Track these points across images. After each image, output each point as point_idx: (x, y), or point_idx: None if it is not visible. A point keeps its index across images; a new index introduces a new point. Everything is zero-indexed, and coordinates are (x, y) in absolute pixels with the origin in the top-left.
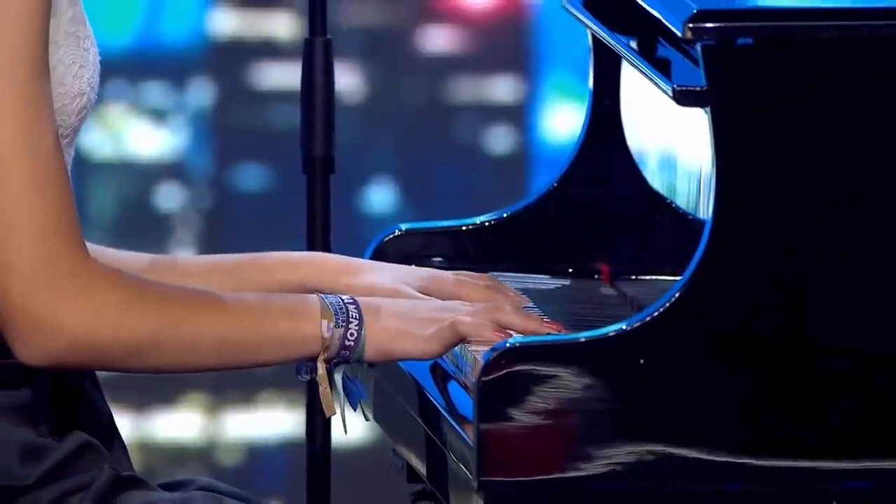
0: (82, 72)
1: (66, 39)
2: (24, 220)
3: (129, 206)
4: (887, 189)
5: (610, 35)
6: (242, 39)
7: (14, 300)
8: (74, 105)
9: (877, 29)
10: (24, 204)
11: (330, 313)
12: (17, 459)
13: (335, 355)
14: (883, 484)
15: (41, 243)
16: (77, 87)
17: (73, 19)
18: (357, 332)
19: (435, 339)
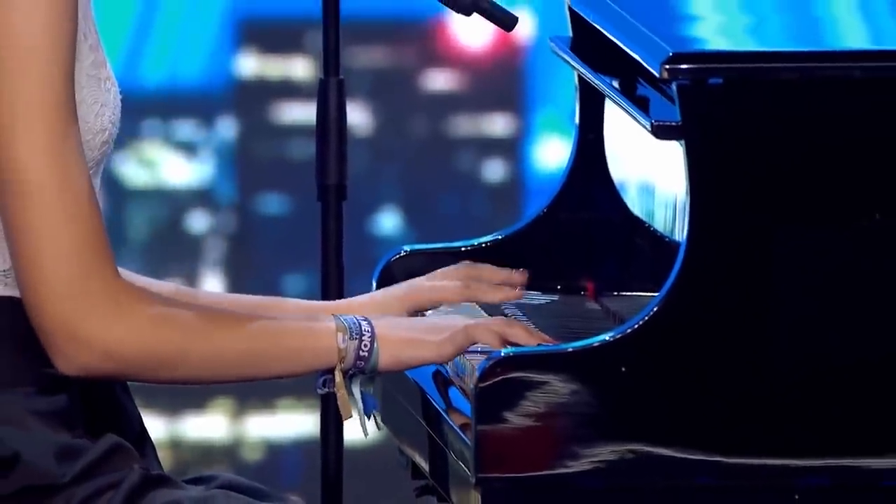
0: (103, 110)
1: (87, 82)
2: (58, 243)
3: (162, 229)
4: (844, 215)
5: (594, 75)
6: (264, 80)
7: (51, 316)
8: (97, 140)
9: (831, 70)
10: (58, 228)
11: (344, 327)
12: (55, 459)
13: (351, 365)
14: (838, 479)
15: (74, 263)
16: (99, 124)
17: (94, 63)
18: (370, 343)
19: (449, 343)
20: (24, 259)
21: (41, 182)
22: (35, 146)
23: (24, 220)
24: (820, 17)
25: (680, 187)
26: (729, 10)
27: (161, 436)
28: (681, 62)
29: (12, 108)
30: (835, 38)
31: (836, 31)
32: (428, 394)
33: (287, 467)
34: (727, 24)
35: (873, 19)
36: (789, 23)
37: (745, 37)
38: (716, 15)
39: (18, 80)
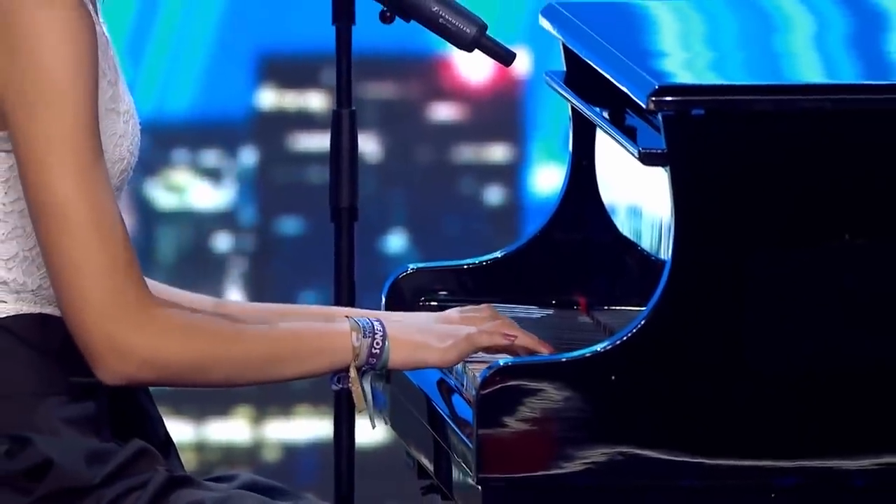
0: (122, 140)
1: (106, 115)
2: (92, 263)
3: (189, 248)
4: (814, 234)
5: (586, 107)
6: (282, 112)
7: (89, 330)
8: (116, 168)
9: (802, 103)
10: (90, 249)
11: (358, 327)
12: (85, 463)
13: (364, 362)
14: (810, 479)
15: (107, 281)
16: (118, 154)
17: (113, 97)
18: (382, 343)
19: (453, 350)
20: (62, 280)
21: (74, 208)
22: (67, 176)
23: (61, 244)
24: (782, 52)
25: (665, 210)
26: (706, 46)
27: (188, 439)
28: (666, 94)
29: (46, 144)
30: (802, 71)
31: (800, 64)
32: (433, 401)
33: (303, 468)
34: (706, 58)
35: (829, 54)
36: (759, 57)
37: (723, 70)
38: (695, 50)
39: (50, 119)
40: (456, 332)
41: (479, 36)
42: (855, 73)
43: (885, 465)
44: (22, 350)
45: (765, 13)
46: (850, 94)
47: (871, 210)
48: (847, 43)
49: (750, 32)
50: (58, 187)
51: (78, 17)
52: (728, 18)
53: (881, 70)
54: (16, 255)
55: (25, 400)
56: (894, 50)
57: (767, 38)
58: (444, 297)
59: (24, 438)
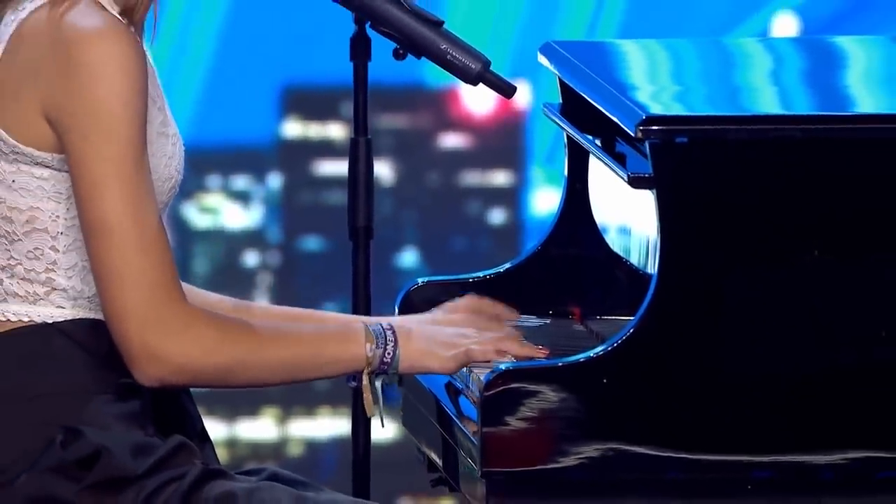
0: (171, 161)
1: (157, 138)
2: (136, 277)
3: (221, 264)
4: (787, 251)
5: (580, 135)
6: (305, 140)
7: (131, 339)
8: (165, 186)
9: (775, 132)
10: (135, 263)
11: (372, 337)
12: (130, 455)
13: (376, 368)
14: (783, 472)
15: (147, 293)
16: (167, 173)
17: (163, 122)
18: (393, 352)
19: (453, 360)
20: (106, 290)
21: (121, 225)
22: (116, 196)
23: (108, 258)
24: (752, 86)
25: (652, 229)
26: (686, 80)
27: (221, 436)
28: (652, 124)
29: (99, 166)
30: (771, 104)
31: (769, 97)
32: (441, 402)
33: (324, 462)
34: (687, 91)
35: (791, 87)
36: (732, 90)
37: (703, 102)
38: (676, 84)
39: (103, 144)
40: (458, 344)
41: (484, 71)
42: (815, 106)
43: (850, 459)
44: (77, 352)
45: (729, 52)
46: (816, 125)
47: (836, 229)
48: (804, 78)
49: (721, 69)
50: (107, 205)
51: (132, 50)
52: (701, 57)
53: (837, 102)
54: (75, 265)
55: (78, 397)
56: (847, 84)
57: (737, 74)
58: None
59: (77, 431)
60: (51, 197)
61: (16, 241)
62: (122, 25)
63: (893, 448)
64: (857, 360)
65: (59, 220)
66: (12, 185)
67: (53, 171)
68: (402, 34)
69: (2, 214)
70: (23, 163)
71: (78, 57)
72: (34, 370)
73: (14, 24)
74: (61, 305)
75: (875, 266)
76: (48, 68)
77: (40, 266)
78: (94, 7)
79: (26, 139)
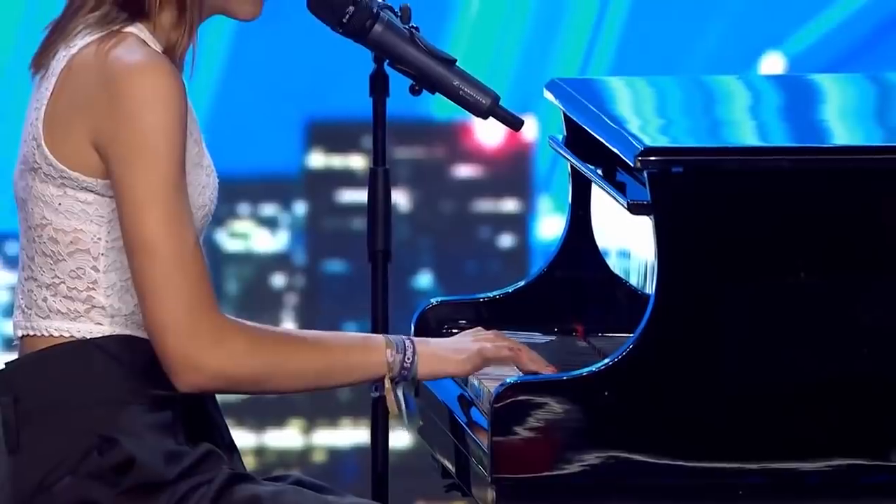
0: (204, 191)
1: (192, 168)
2: (175, 291)
3: (251, 285)
4: (775, 272)
5: (583, 165)
6: (329, 170)
7: (169, 350)
8: (199, 214)
9: (764, 162)
10: (174, 279)
11: (392, 344)
12: (162, 462)
13: (397, 374)
14: (772, 478)
15: (185, 308)
16: (201, 201)
17: (199, 153)
18: (412, 358)
19: (468, 362)
20: (148, 305)
21: (162, 245)
22: (157, 219)
23: (149, 274)
24: (739, 120)
25: (649, 252)
26: (679, 114)
27: (250, 445)
28: (650, 155)
29: (142, 190)
30: (759, 136)
31: (755, 129)
32: (454, 413)
33: (346, 469)
34: (680, 124)
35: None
36: (721, 123)
37: (696, 135)
38: (671, 118)
39: (146, 170)
40: (469, 347)
41: (494, 106)
42: (797, 138)
43: (834, 466)
44: (113, 366)
45: (718, 89)
46: (801, 156)
47: (820, 253)
48: (786, 112)
49: (710, 104)
50: (149, 226)
51: (173, 85)
52: (692, 93)
53: (817, 135)
54: (114, 285)
55: (115, 408)
56: (825, 118)
57: (725, 108)
58: (464, 326)
59: (113, 439)
60: (93, 220)
61: (60, 260)
62: (165, 60)
63: (875, 456)
64: (841, 374)
65: (100, 241)
66: (58, 209)
67: (97, 195)
68: (418, 72)
69: (48, 235)
70: (69, 187)
71: (124, 90)
72: (74, 383)
73: (65, 59)
74: (100, 322)
75: (857, 287)
76: (97, 100)
77: (82, 285)
78: (138, 43)
79: (74, 165)
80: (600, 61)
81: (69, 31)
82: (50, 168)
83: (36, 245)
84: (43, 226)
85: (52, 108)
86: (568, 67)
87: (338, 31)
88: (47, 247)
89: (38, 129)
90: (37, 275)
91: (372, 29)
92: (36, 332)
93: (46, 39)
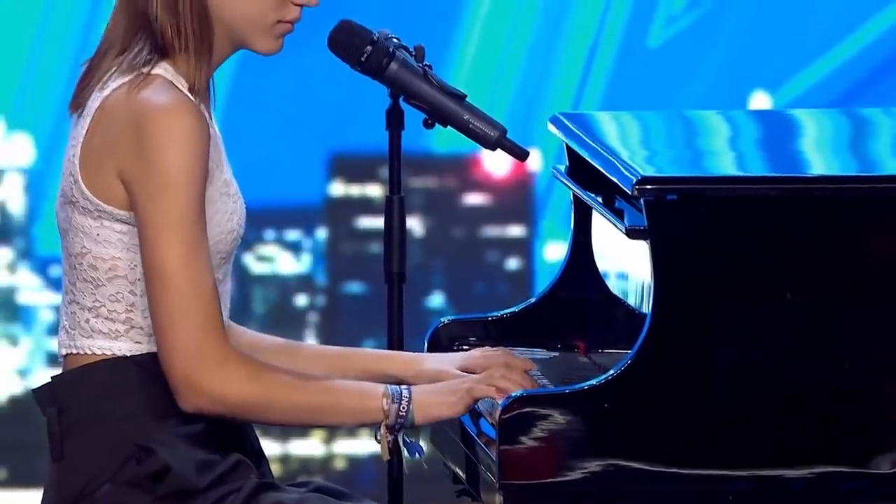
0: (232, 217)
1: (220, 197)
2: (185, 319)
3: (275, 305)
4: (762, 293)
5: (584, 193)
6: (348, 199)
7: (175, 371)
8: (228, 238)
9: (752, 190)
10: (183, 309)
11: (389, 394)
12: (195, 470)
13: (394, 422)
14: (760, 485)
15: (193, 335)
16: (229, 227)
17: (225, 182)
18: (407, 406)
19: (460, 402)
20: (159, 330)
21: (176, 275)
22: (174, 251)
23: (164, 302)
24: (727, 150)
25: (646, 274)
26: (671, 146)
27: (275, 453)
28: (646, 184)
29: (161, 223)
30: (744, 165)
31: (740, 159)
32: (464, 423)
33: (364, 476)
34: (673, 155)
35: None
36: (708, 154)
37: (687, 164)
38: (664, 149)
39: (167, 205)
40: (460, 388)
41: (501, 138)
42: (785, 168)
43: (816, 473)
44: (150, 381)
45: (709, 122)
46: (786, 184)
47: (804, 275)
48: (760, 144)
49: (703, 136)
50: (166, 257)
51: (196, 123)
52: (686, 126)
53: (795, 165)
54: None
55: (151, 419)
56: (800, 150)
57: (716, 140)
58: (473, 343)
59: (150, 449)
60: (129, 248)
61: (100, 286)
62: (188, 102)
63: (854, 464)
64: (823, 387)
65: (136, 268)
66: (97, 238)
67: (130, 226)
68: (431, 107)
69: (88, 263)
70: (105, 219)
71: (149, 130)
72: (114, 397)
73: (99, 100)
74: (138, 341)
75: (838, 305)
76: (124, 139)
77: (121, 307)
78: (165, 85)
79: (107, 199)
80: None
81: (103, 72)
82: (86, 202)
83: (77, 271)
84: (83, 254)
85: (87, 145)
86: (562, 102)
87: (356, 69)
88: (87, 273)
89: (75, 165)
90: (79, 298)
91: (388, 67)
92: (79, 350)
93: (82, 80)
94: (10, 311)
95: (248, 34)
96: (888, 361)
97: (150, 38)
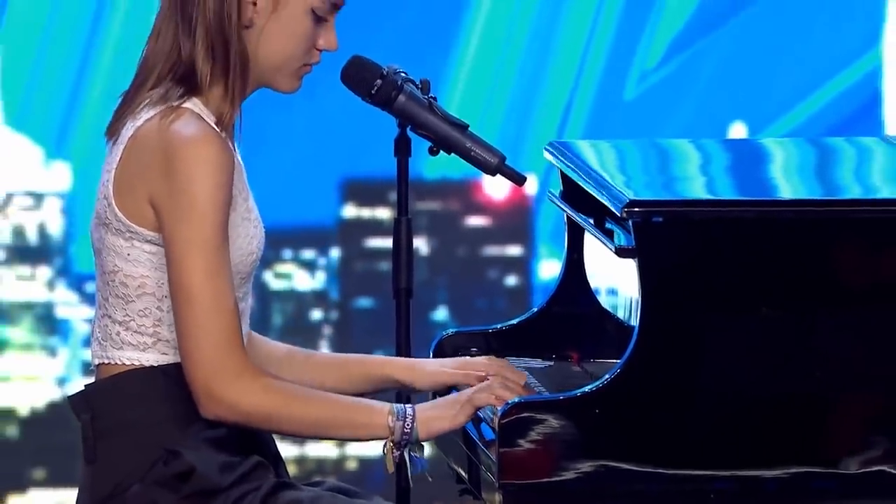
0: (252, 240)
1: (241, 222)
2: (207, 334)
3: (292, 319)
4: (740, 307)
5: (577, 215)
6: (360, 221)
7: (197, 382)
8: (248, 260)
9: (734, 213)
10: (206, 325)
11: (394, 412)
12: (217, 471)
13: (399, 439)
14: (738, 484)
15: (214, 349)
16: (249, 250)
17: (247, 209)
18: (411, 424)
19: (461, 414)
20: (182, 343)
21: (200, 293)
22: (198, 273)
23: (188, 317)
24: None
25: (634, 290)
26: (657, 172)
27: (292, 454)
28: (634, 206)
29: (187, 245)
30: (724, 190)
31: (720, 184)
32: (467, 428)
33: (375, 476)
34: (659, 180)
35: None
36: (690, 178)
37: (672, 189)
38: (651, 174)
39: (192, 229)
40: (460, 400)
41: (501, 164)
42: (751, 192)
43: (790, 473)
44: (176, 390)
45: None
46: (764, 207)
47: (780, 290)
48: (733, 170)
49: (687, 162)
50: (191, 276)
51: (221, 153)
52: (670, 153)
53: (764, 189)
54: None
55: (177, 425)
56: (771, 176)
57: (698, 166)
58: (475, 353)
59: (176, 451)
60: (157, 267)
61: (130, 301)
62: (214, 133)
63: (825, 464)
64: (797, 394)
65: (163, 286)
66: (128, 258)
67: (158, 246)
68: (436, 135)
69: (119, 280)
70: (135, 240)
71: (178, 159)
72: (143, 404)
73: (132, 129)
74: (165, 353)
75: (809, 318)
76: (155, 166)
77: (149, 322)
78: (193, 117)
79: (138, 221)
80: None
81: (136, 103)
82: (119, 223)
83: (109, 288)
84: (115, 272)
85: (120, 171)
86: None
87: (367, 100)
88: (119, 290)
89: (109, 190)
90: (111, 312)
91: (396, 99)
92: (110, 360)
93: (118, 110)
94: (49, 325)
95: (276, 76)
96: (854, 370)
97: (186, 76)
